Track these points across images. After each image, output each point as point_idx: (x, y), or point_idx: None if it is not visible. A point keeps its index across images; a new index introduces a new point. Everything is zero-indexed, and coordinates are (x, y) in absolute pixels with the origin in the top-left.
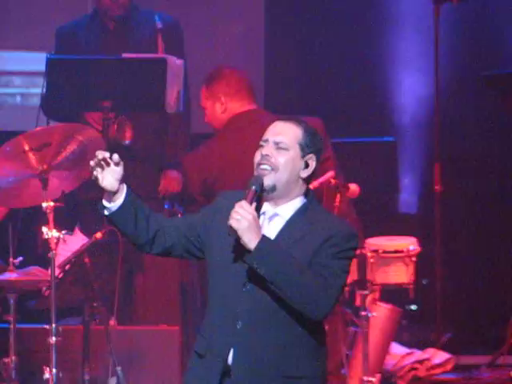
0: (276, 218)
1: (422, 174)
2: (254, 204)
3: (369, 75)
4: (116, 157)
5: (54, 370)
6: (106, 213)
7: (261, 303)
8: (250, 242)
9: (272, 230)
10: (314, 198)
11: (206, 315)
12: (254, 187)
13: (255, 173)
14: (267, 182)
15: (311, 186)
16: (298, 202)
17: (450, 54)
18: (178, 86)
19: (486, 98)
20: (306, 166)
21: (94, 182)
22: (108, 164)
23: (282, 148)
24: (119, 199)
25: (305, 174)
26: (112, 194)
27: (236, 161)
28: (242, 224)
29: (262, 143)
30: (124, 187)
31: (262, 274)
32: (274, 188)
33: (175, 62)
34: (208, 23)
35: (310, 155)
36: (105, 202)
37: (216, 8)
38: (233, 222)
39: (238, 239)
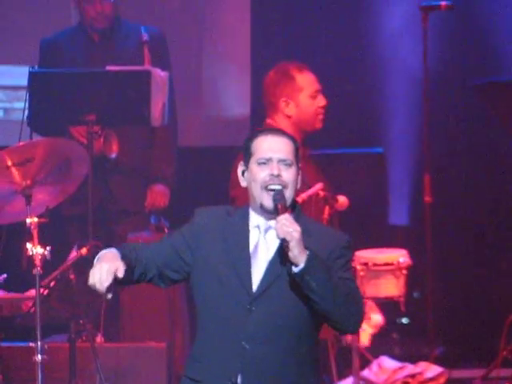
0: (270, 230)
1: (411, 185)
2: None
3: (357, 85)
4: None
5: None
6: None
7: (267, 323)
8: (300, 254)
9: (269, 243)
10: (299, 207)
11: (199, 339)
12: (282, 201)
13: (262, 192)
14: None
15: (300, 199)
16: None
17: (438, 62)
18: (163, 99)
19: (475, 108)
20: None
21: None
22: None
23: (288, 165)
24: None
25: (299, 184)
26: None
27: None
28: (294, 236)
29: (263, 161)
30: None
31: (311, 287)
32: (287, 206)
33: (160, 74)
34: (195, 36)
35: (299, 164)
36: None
37: (203, 22)
38: (286, 236)
39: (281, 253)
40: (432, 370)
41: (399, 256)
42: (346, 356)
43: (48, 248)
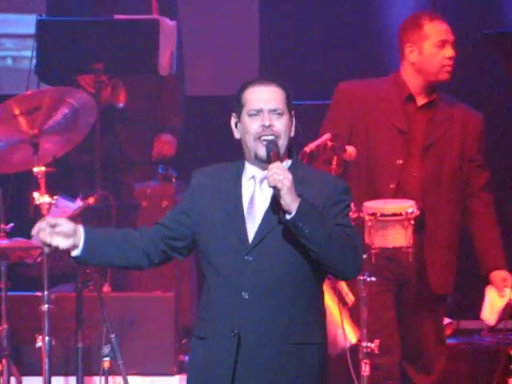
0: (266, 180)
1: None
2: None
3: (368, 40)
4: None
5: (46, 338)
6: (78, 261)
7: (265, 272)
8: (292, 201)
9: (265, 193)
10: (296, 155)
11: (204, 297)
12: (275, 149)
13: (256, 143)
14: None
15: (307, 149)
16: (284, 163)
17: (449, 12)
18: (171, 48)
19: (487, 58)
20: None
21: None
22: (55, 227)
23: (279, 114)
24: (80, 243)
25: (293, 132)
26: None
27: None
28: (285, 184)
29: (254, 112)
30: (80, 230)
31: (304, 234)
32: (279, 155)
33: (168, 23)
34: None
35: (292, 111)
36: (72, 254)
37: None
38: (277, 184)
39: (273, 201)
40: None
41: (407, 207)
42: None
43: (55, 197)
